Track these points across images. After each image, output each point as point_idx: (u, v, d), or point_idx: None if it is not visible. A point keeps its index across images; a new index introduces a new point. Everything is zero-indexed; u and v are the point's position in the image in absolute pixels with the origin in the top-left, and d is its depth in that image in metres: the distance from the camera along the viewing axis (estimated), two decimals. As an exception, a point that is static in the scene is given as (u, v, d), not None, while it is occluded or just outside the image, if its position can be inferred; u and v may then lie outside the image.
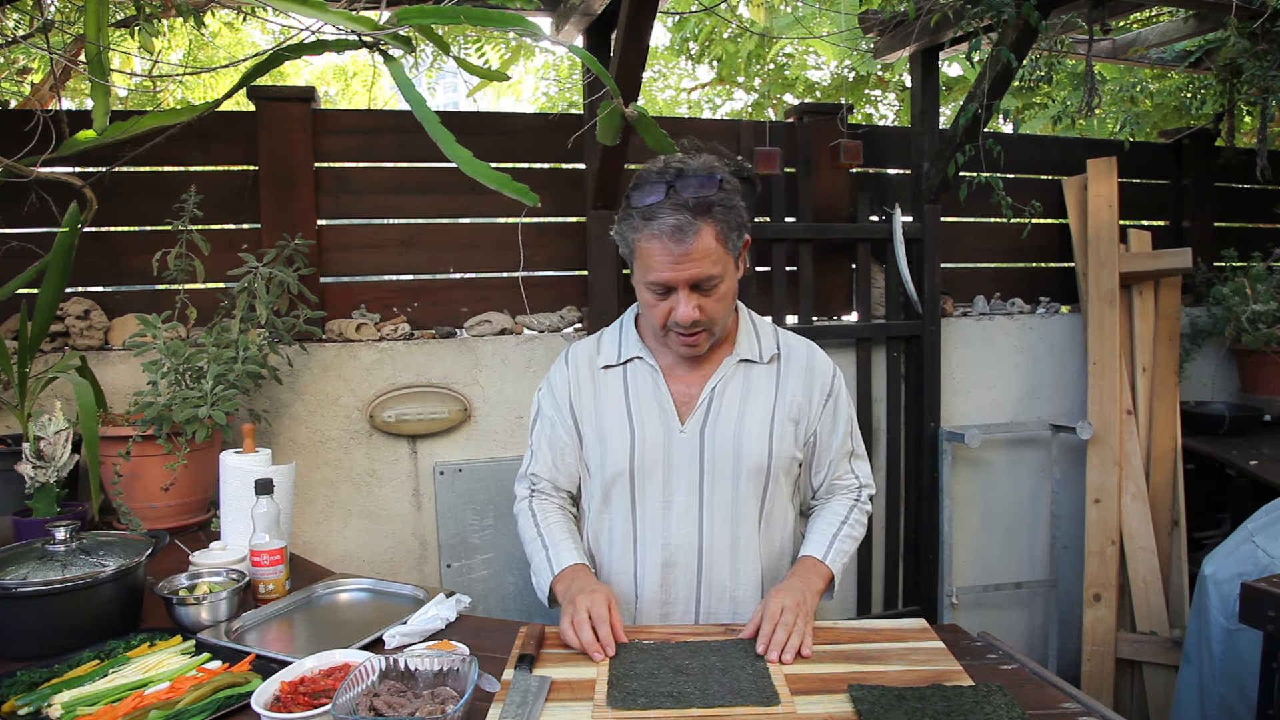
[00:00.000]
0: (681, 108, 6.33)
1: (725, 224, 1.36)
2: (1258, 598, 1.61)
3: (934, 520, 2.97)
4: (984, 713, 1.05)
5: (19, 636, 1.28)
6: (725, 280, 1.39)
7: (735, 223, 1.38)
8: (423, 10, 1.34)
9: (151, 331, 1.95)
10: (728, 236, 1.37)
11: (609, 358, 1.55)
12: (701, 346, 1.45)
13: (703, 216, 1.34)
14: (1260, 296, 3.02)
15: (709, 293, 1.38)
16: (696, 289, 1.37)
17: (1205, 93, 3.87)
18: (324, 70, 6.44)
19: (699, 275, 1.35)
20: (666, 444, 1.48)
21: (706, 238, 1.34)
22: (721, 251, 1.37)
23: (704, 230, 1.34)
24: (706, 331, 1.42)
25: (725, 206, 1.36)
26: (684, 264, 1.34)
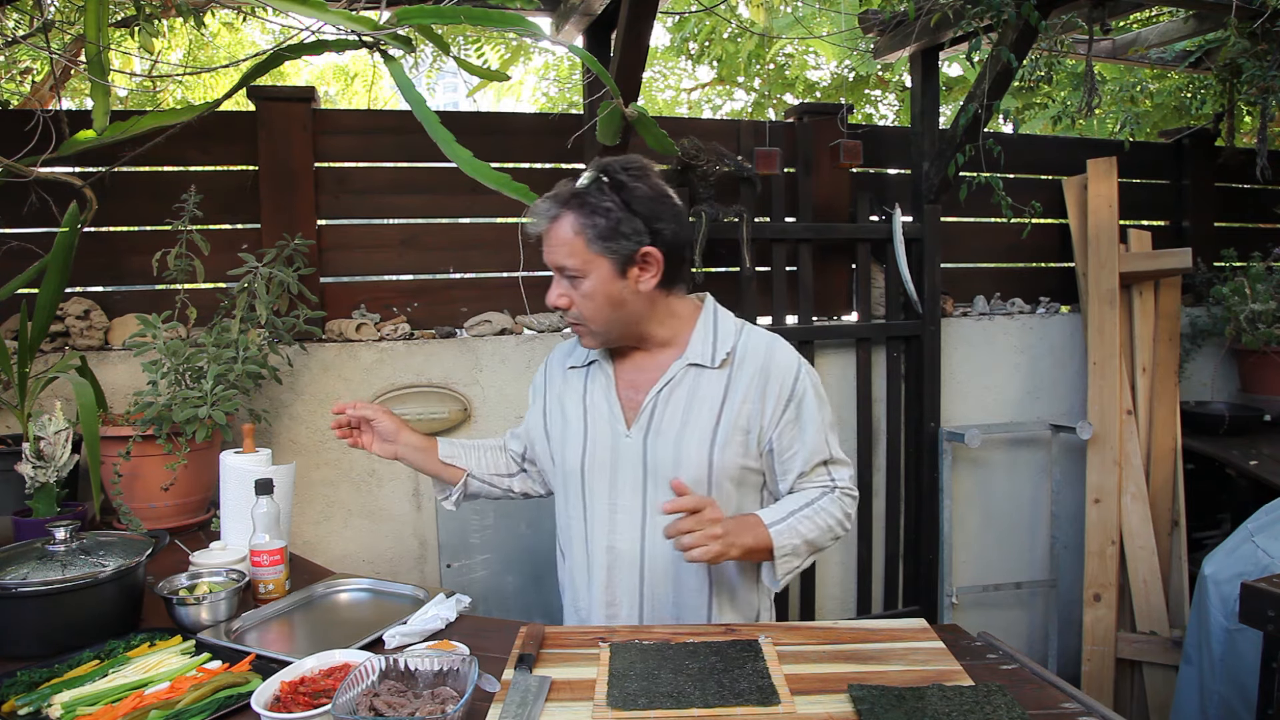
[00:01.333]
0: (681, 108, 6.33)
1: (587, 222, 1.38)
2: (1258, 598, 1.61)
3: (934, 520, 2.97)
4: (984, 713, 1.05)
5: (19, 636, 1.27)
6: (589, 279, 1.40)
7: (596, 224, 1.38)
8: (423, 10, 1.34)
9: (151, 331, 1.95)
10: (587, 234, 1.38)
11: (577, 359, 1.59)
12: (586, 340, 1.49)
13: (563, 206, 1.39)
14: (1260, 296, 3.02)
15: (574, 285, 1.42)
16: (564, 277, 1.42)
17: (1205, 93, 3.87)
18: (324, 70, 6.44)
19: (555, 263, 1.41)
20: (613, 448, 1.48)
21: (563, 228, 1.39)
22: (580, 246, 1.38)
23: (562, 219, 1.39)
24: (584, 326, 1.45)
25: (591, 206, 1.38)
26: (549, 246, 1.42)
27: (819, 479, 1.50)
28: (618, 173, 1.41)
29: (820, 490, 1.48)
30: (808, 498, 1.47)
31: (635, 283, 1.42)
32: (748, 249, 2.69)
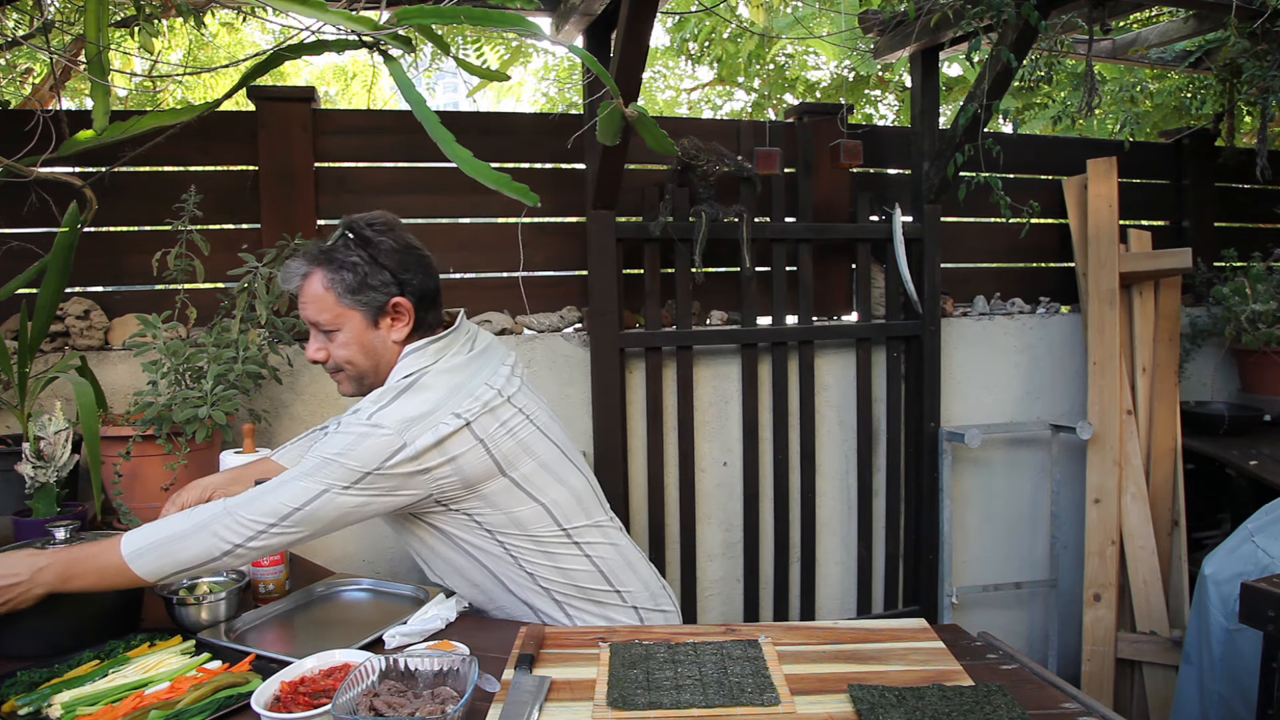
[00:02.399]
0: (681, 108, 6.33)
1: (336, 277, 1.43)
2: (1258, 598, 1.61)
3: (934, 520, 2.97)
4: (984, 713, 1.05)
5: (19, 636, 1.28)
6: (343, 331, 1.45)
7: (344, 279, 1.43)
8: (423, 10, 1.34)
9: (151, 331, 1.95)
10: (337, 289, 1.43)
11: None
12: (344, 386, 1.52)
13: (312, 264, 1.45)
14: (1260, 296, 3.02)
15: (330, 338, 1.46)
16: (320, 331, 1.47)
17: (1205, 93, 3.87)
18: (324, 70, 6.43)
19: (309, 318, 1.46)
20: None
21: (313, 284, 1.44)
22: (330, 301, 1.43)
23: (312, 277, 1.44)
24: (343, 374, 1.50)
25: (339, 262, 1.43)
26: (301, 304, 1.47)
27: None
28: (363, 229, 1.47)
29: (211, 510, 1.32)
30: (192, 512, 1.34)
31: (388, 332, 1.47)
32: (748, 249, 2.69)
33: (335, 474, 1.31)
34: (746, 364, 2.78)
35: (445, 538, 1.48)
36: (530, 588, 1.50)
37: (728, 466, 2.84)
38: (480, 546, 1.47)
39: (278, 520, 1.29)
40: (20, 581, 1.24)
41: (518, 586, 1.50)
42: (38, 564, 1.25)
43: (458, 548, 1.49)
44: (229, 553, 1.29)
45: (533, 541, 1.48)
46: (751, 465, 2.80)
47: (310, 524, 1.31)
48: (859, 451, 2.93)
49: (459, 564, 1.51)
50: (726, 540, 2.86)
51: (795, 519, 2.88)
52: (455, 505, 1.43)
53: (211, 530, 1.28)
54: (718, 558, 2.86)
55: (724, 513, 2.85)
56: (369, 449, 1.32)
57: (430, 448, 1.34)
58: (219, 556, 1.29)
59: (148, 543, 1.28)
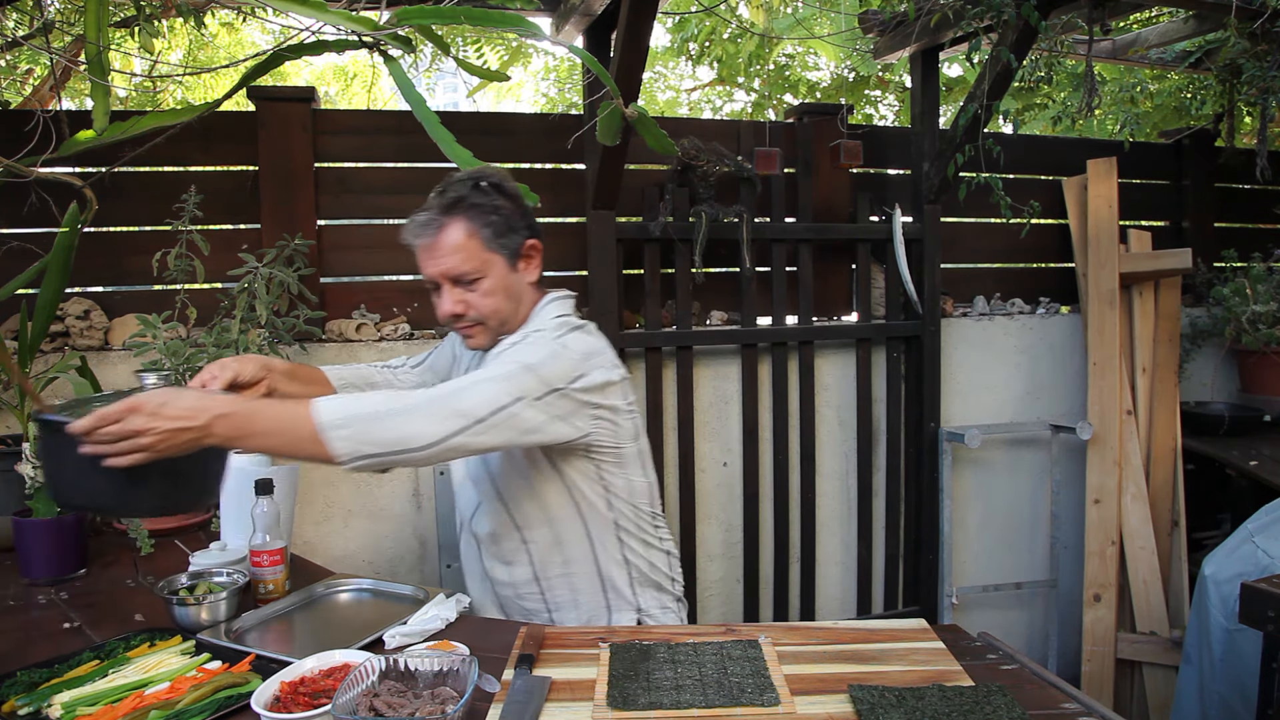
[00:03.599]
0: (681, 108, 6.33)
1: (477, 221, 1.42)
2: (1258, 598, 1.61)
3: (934, 520, 2.97)
4: (984, 713, 1.05)
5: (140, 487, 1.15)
6: (489, 277, 1.44)
7: (491, 222, 1.43)
8: (423, 10, 1.34)
9: (151, 331, 1.95)
10: (480, 233, 1.42)
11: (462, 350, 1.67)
12: (479, 339, 1.49)
13: (450, 213, 1.42)
14: (1260, 297, 3.02)
15: (472, 287, 1.44)
16: (458, 284, 1.44)
17: (1205, 93, 3.87)
18: (324, 70, 6.43)
19: (450, 269, 1.42)
20: None
21: (454, 232, 1.41)
22: (476, 247, 1.42)
23: (451, 225, 1.41)
24: (480, 325, 1.47)
25: (477, 205, 1.42)
26: (436, 257, 1.43)
27: None
28: (490, 176, 1.46)
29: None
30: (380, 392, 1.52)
31: (524, 274, 1.49)
32: (748, 249, 2.69)
33: (529, 384, 1.30)
34: (746, 364, 2.78)
35: (564, 484, 1.47)
36: (615, 558, 1.52)
37: (728, 466, 2.84)
38: (593, 503, 1.49)
39: (476, 421, 1.24)
40: (194, 426, 1.12)
41: (604, 553, 1.52)
42: (215, 409, 1.14)
43: (570, 498, 1.48)
44: (432, 445, 1.22)
45: (634, 513, 1.52)
46: (751, 465, 2.80)
47: (500, 433, 1.27)
48: (859, 452, 2.93)
49: (560, 514, 1.49)
50: (726, 540, 2.86)
51: (795, 519, 2.88)
52: (595, 455, 1.45)
53: (419, 415, 1.22)
54: (718, 558, 2.86)
55: (724, 513, 2.85)
56: (560, 366, 1.34)
57: (600, 386, 1.39)
58: (420, 448, 1.22)
59: (348, 415, 1.19)
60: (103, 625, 1.41)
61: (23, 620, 1.44)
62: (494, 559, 1.56)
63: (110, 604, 1.52)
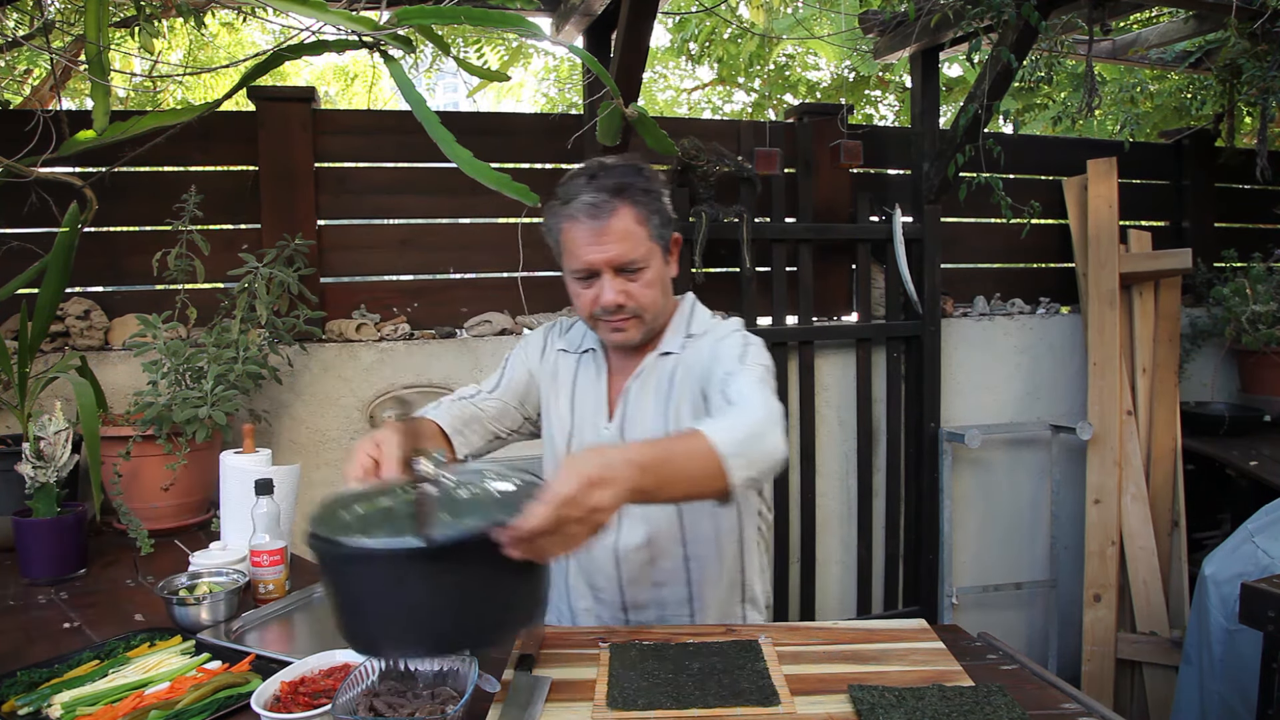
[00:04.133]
0: (681, 108, 6.32)
1: (646, 209, 1.37)
2: (1258, 598, 1.61)
3: (934, 520, 2.97)
4: (984, 713, 1.05)
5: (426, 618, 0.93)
6: (651, 268, 1.39)
7: (658, 210, 1.39)
8: (423, 10, 1.34)
9: (151, 331, 1.95)
10: (649, 221, 1.38)
11: (569, 344, 1.57)
12: (631, 333, 1.42)
13: (620, 197, 1.35)
14: (1260, 297, 3.02)
15: (635, 277, 1.38)
16: (621, 273, 1.37)
17: (1205, 93, 3.87)
18: (324, 70, 6.43)
19: (619, 256, 1.35)
20: (594, 440, 1.49)
21: (625, 218, 1.35)
22: (643, 236, 1.37)
23: (621, 210, 1.35)
24: (637, 318, 1.41)
25: (645, 191, 1.38)
26: (603, 243, 1.35)
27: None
28: (642, 166, 1.41)
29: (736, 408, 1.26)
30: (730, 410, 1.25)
31: (671, 269, 1.46)
32: (748, 249, 2.69)
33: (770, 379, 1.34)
34: (746, 364, 2.77)
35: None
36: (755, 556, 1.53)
37: (728, 467, 2.83)
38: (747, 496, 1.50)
39: (784, 422, 1.22)
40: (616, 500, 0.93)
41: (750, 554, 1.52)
42: (637, 462, 0.97)
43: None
44: (783, 455, 1.18)
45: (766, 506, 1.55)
46: (751, 465, 2.79)
47: None
48: (859, 451, 2.93)
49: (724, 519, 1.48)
50: (726, 540, 2.86)
51: (795, 519, 2.88)
52: None
53: (772, 428, 1.17)
54: (718, 558, 2.86)
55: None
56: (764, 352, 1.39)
57: None
58: (779, 461, 1.16)
59: (738, 440, 1.10)
60: (103, 625, 1.41)
61: (23, 620, 1.44)
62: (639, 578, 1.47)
63: (110, 604, 1.52)
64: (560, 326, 1.63)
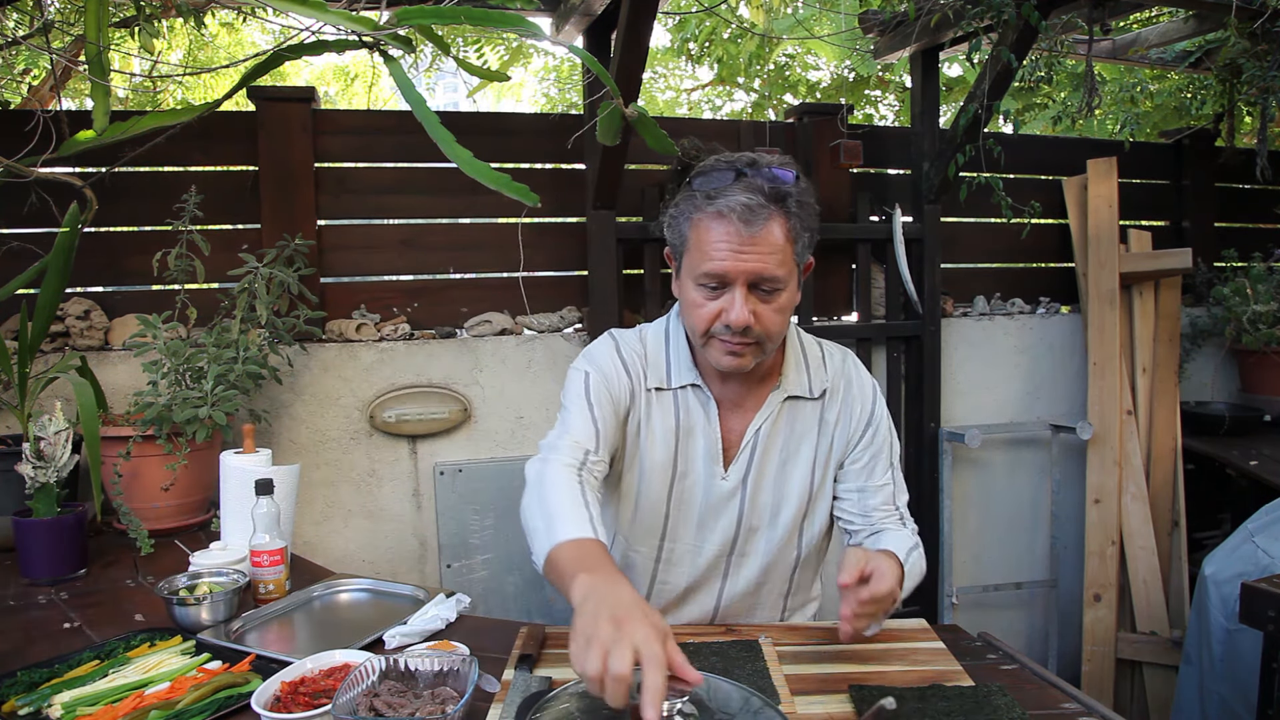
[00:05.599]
0: (681, 108, 6.32)
1: (799, 223, 1.23)
2: (1258, 598, 1.61)
3: (934, 520, 2.97)
4: (984, 713, 1.05)
5: None
6: (787, 290, 1.23)
7: (810, 228, 1.25)
8: (423, 10, 1.34)
9: (151, 331, 1.95)
10: (798, 238, 1.23)
11: (659, 378, 1.36)
12: (747, 360, 1.26)
13: (777, 204, 1.20)
14: (1260, 297, 3.02)
15: (769, 298, 1.22)
16: (755, 289, 1.21)
17: (1205, 93, 3.87)
18: (324, 70, 6.43)
19: (761, 270, 1.19)
20: (707, 488, 1.36)
21: (776, 229, 1.20)
22: (789, 253, 1.22)
23: (775, 219, 1.20)
24: (758, 345, 1.25)
25: (801, 204, 1.23)
26: (748, 252, 1.18)
27: (890, 517, 1.40)
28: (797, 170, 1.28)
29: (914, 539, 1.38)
30: (910, 540, 1.35)
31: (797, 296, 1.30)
32: (748, 249, 2.69)
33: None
34: (746, 364, 2.77)
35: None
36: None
37: (728, 467, 2.84)
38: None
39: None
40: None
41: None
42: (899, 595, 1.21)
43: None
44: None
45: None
46: (751, 465, 2.79)
47: None
48: (859, 452, 2.93)
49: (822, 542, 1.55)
50: (726, 540, 2.86)
51: (795, 519, 2.87)
52: None
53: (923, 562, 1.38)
54: (718, 558, 2.86)
55: (724, 513, 2.85)
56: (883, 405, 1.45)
57: None
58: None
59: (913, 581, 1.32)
60: (103, 625, 1.41)
61: (23, 620, 1.44)
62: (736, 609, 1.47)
63: (110, 604, 1.52)
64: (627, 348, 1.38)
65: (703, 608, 1.47)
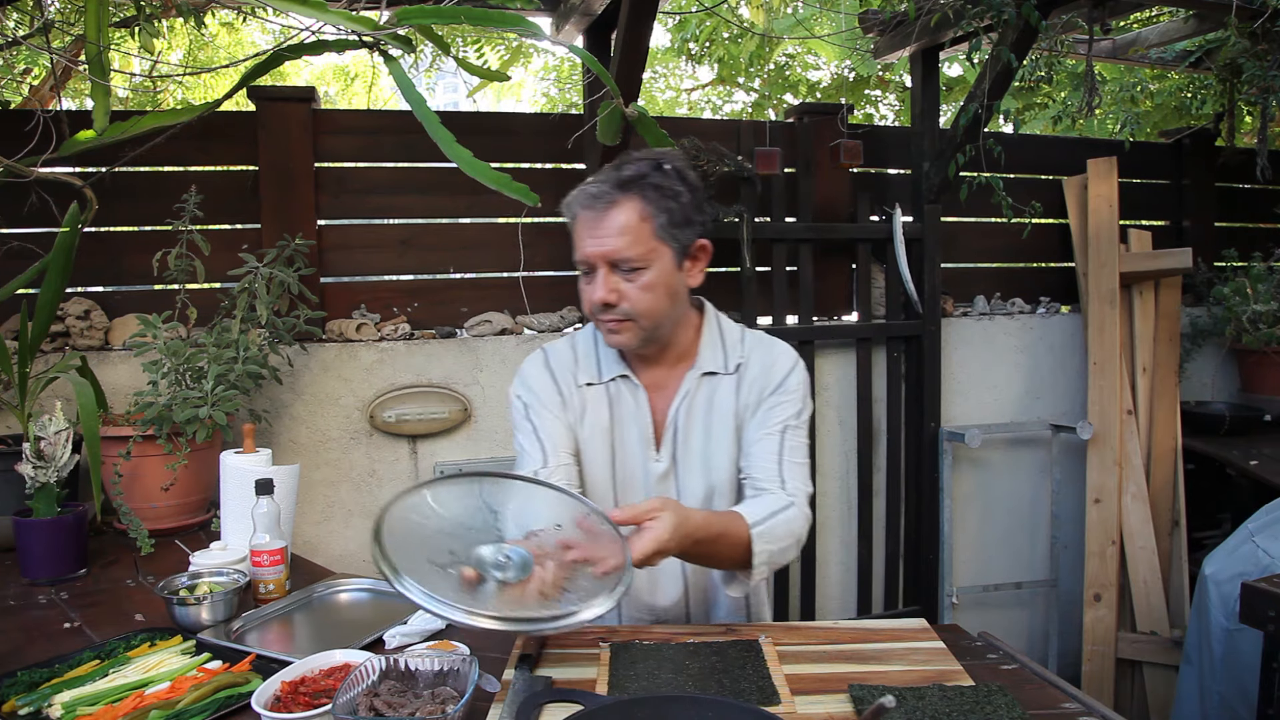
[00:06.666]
0: (682, 108, 6.33)
1: (656, 206, 1.29)
2: (1258, 598, 1.60)
3: (934, 520, 2.97)
4: (984, 713, 1.05)
5: None
6: (652, 269, 1.30)
7: (672, 210, 1.31)
8: (423, 10, 1.34)
9: (152, 331, 1.95)
10: (657, 220, 1.30)
11: (590, 374, 1.45)
12: (625, 337, 1.34)
13: (626, 190, 1.29)
14: (1261, 296, 3.02)
15: (631, 277, 1.30)
16: (616, 270, 1.30)
17: (1205, 93, 3.87)
18: (324, 70, 6.43)
19: (614, 252, 1.28)
20: (645, 471, 1.43)
21: (627, 212, 1.28)
22: (646, 234, 1.29)
23: (624, 203, 1.28)
24: (633, 323, 1.32)
25: (659, 189, 1.30)
26: (599, 236, 1.29)
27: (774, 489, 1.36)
28: (674, 159, 1.34)
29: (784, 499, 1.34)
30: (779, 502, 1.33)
31: (687, 275, 1.37)
32: (748, 249, 2.69)
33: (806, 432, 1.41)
34: (747, 364, 2.77)
35: None
36: None
37: (728, 466, 2.84)
38: None
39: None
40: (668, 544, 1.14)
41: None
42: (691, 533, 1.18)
43: None
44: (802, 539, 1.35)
45: None
46: (752, 465, 2.79)
47: None
48: (859, 451, 2.93)
49: None
50: (727, 540, 2.86)
51: (795, 519, 2.87)
52: None
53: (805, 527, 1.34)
54: (718, 558, 2.86)
55: (724, 513, 2.85)
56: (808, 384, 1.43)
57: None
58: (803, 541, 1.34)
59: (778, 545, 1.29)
60: (103, 625, 1.41)
61: (23, 620, 1.44)
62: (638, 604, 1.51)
63: (110, 604, 1.52)
64: (555, 357, 1.49)
65: (670, 594, 1.48)
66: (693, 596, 1.49)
